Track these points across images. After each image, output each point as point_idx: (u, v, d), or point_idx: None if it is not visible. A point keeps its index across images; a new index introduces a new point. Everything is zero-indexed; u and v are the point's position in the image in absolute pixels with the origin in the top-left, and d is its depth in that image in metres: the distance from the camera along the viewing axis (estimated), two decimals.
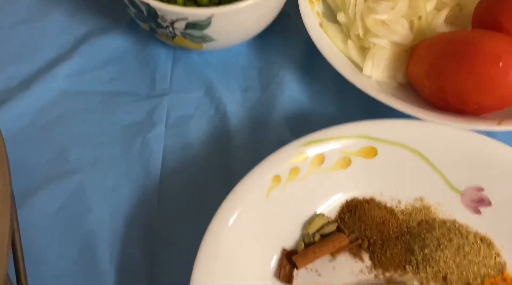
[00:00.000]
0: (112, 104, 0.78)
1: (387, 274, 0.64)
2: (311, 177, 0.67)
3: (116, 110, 0.77)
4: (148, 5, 0.69)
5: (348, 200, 0.68)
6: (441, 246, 0.63)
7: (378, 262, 0.64)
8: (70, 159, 0.72)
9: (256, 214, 0.63)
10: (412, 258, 0.64)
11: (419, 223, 0.67)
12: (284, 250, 0.65)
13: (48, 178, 0.70)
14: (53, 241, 0.66)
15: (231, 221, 0.61)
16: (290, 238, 0.66)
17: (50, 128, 0.75)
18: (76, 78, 0.80)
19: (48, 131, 0.75)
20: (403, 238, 0.65)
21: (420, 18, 0.76)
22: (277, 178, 0.65)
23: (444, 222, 0.66)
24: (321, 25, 0.79)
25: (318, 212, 0.67)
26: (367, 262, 0.65)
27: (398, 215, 0.67)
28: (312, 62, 0.82)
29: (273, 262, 0.64)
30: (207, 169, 0.72)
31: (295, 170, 0.66)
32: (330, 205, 0.68)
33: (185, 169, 0.72)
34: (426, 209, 0.67)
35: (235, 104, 0.78)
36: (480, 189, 0.66)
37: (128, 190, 0.70)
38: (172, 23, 0.71)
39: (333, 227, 0.66)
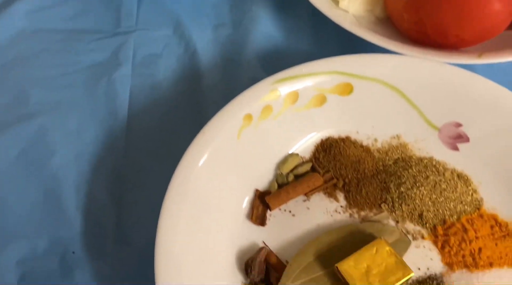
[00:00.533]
0: (74, 42, 0.74)
1: (362, 213, 0.62)
2: (284, 116, 0.64)
3: (78, 49, 0.73)
4: None
5: (323, 139, 0.66)
6: (417, 184, 0.61)
7: (353, 201, 0.63)
8: (30, 102, 0.68)
9: (227, 154, 0.61)
10: (387, 196, 0.62)
11: (395, 161, 0.65)
12: (256, 191, 0.63)
13: (7, 122, 0.66)
14: (16, 187, 0.63)
15: (201, 162, 0.59)
16: (263, 179, 0.64)
17: (8, 69, 0.71)
18: (36, 15, 0.76)
19: (6, 72, 0.71)
20: (379, 177, 0.64)
21: None
22: (248, 117, 0.62)
23: (421, 159, 0.64)
24: None
25: (291, 152, 0.65)
26: (342, 201, 0.63)
27: (374, 154, 0.65)
28: None
29: (245, 203, 0.62)
30: (177, 110, 0.69)
31: (267, 109, 0.63)
32: (304, 145, 0.66)
33: (153, 109, 0.69)
34: (403, 146, 0.65)
35: (205, 42, 0.75)
36: (458, 125, 0.64)
37: (93, 133, 0.67)
38: None
39: (307, 167, 0.64)
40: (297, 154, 0.65)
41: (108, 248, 0.60)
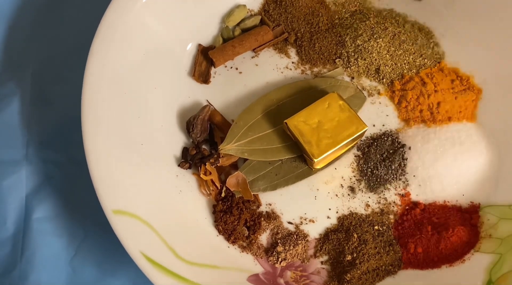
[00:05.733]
0: None
1: (315, 69, 0.57)
2: None
3: None
4: None
5: None
6: (374, 36, 0.56)
7: (305, 57, 0.57)
8: None
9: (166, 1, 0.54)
10: (343, 51, 0.57)
11: (352, 14, 0.59)
12: (199, 46, 0.57)
13: None
14: None
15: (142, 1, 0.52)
16: (206, 33, 0.57)
17: None
18: None
19: None
20: (334, 30, 0.58)
21: None
22: None
23: (380, 11, 0.59)
24: None
25: (238, 3, 0.58)
26: (294, 57, 0.58)
27: (330, 6, 0.59)
28: None
29: (186, 58, 0.56)
30: None
31: None
32: None
33: None
34: None
35: None
36: None
37: None
38: None
39: (255, 20, 0.58)
40: (244, 6, 0.58)
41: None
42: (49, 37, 0.58)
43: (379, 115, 0.55)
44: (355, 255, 0.50)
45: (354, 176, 0.53)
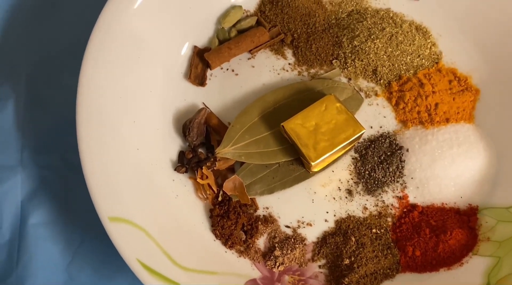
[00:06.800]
0: None
1: (312, 71, 0.57)
2: None
3: None
4: None
5: None
6: (372, 36, 0.55)
7: (302, 58, 0.57)
8: None
9: (160, 3, 0.53)
10: (339, 51, 0.57)
11: (349, 14, 0.58)
12: (195, 47, 0.56)
13: None
14: None
15: (136, 4, 0.51)
16: (202, 34, 0.57)
17: None
18: None
19: None
20: (331, 31, 0.57)
21: None
22: None
23: (377, 11, 0.58)
24: None
25: (234, 4, 0.57)
26: (290, 58, 0.57)
27: (326, 6, 0.59)
28: None
29: (182, 60, 0.56)
30: None
31: None
32: None
33: None
34: None
35: None
36: None
37: None
38: None
39: (252, 21, 0.57)
40: (240, 7, 0.57)
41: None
42: (43, 41, 0.58)
43: (376, 116, 0.55)
44: (353, 258, 0.49)
45: (352, 179, 0.53)
